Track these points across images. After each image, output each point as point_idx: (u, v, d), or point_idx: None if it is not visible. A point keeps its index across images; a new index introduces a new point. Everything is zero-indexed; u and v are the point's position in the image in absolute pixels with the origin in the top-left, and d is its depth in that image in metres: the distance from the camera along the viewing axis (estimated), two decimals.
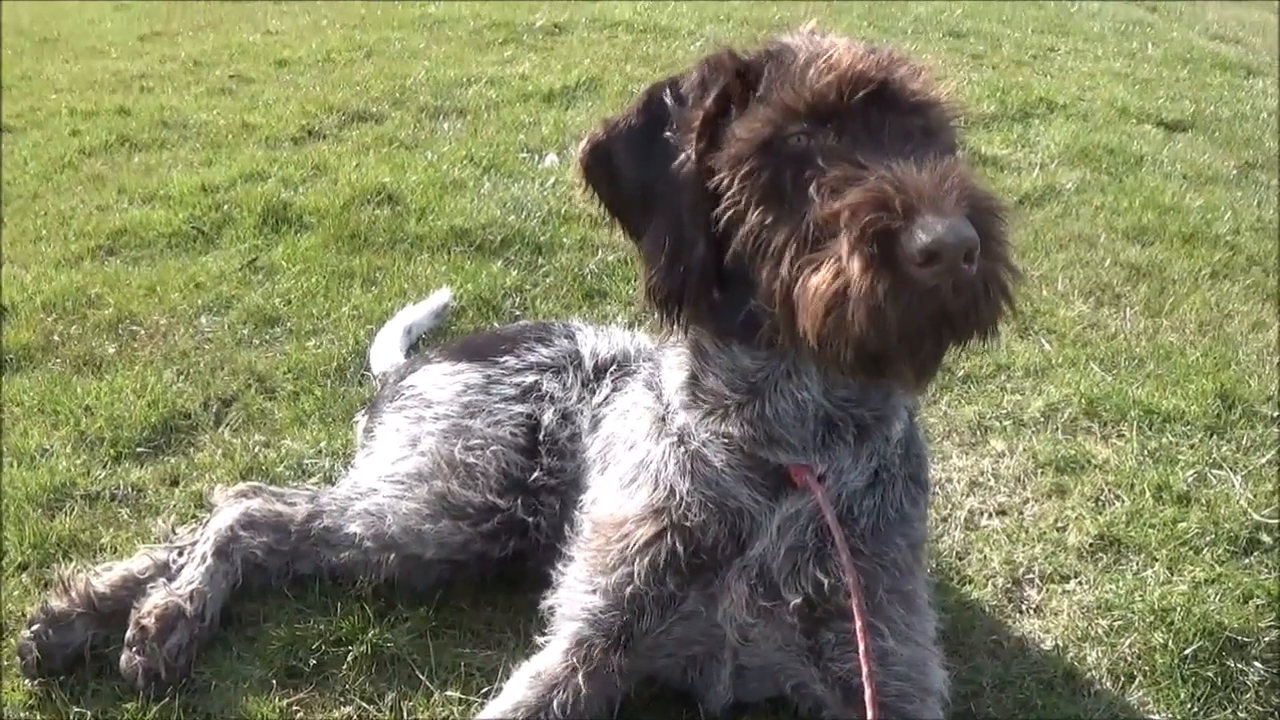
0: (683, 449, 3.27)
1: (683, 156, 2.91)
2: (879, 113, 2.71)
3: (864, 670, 2.92)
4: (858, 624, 2.95)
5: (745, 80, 2.89)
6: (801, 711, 3.50)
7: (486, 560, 3.98)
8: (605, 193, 3.13)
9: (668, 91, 3.04)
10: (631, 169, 3.04)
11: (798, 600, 3.21)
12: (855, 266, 2.45)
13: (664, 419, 3.33)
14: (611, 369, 4.11)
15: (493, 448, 3.99)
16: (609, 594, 3.33)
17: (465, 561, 3.98)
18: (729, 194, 2.78)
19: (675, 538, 3.25)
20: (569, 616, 3.43)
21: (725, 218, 2.79)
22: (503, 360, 4.26)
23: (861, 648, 2.93)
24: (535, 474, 3.99)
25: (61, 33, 14.11)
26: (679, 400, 3.26)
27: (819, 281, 2.51)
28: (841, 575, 3.13)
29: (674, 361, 3.31)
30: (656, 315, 3.02)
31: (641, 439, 3.42)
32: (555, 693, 3.34)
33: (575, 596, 3.43)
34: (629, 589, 3.29)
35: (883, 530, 3.25)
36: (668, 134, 2.97)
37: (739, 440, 3.15)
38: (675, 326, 3.04)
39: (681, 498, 3.25)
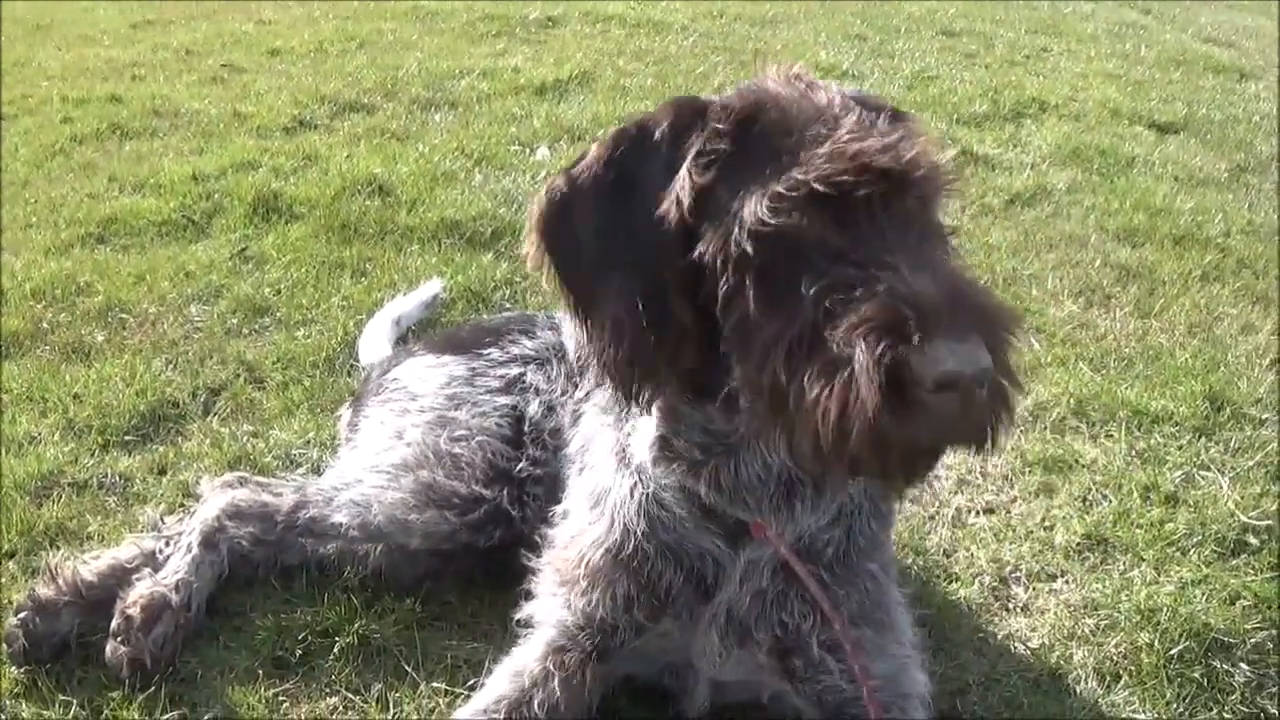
0: (641, 490, 3.23)
1: (663, 223, 2.69)
2: (883, 199, 2.54)
3: (865, 691, 2.96)
4: (848, 650, 2.99)
5: (733, 138, 2.70)
6: (782, 718, 3.50)
7: (473, 551, 3.97)
8: (560, 253, 2.84)
9: (638, 141, 2.81)
10: (596, 229, 2.79)
11: (768, 643, 3.23)
12: (863, 388, 2.33)
13: (624, 451, 3.29)
14: None
15: (478, 438, 4.00)
16: (579, 614, 3.34)
17: (451, 552, 3.98)
18: (719, 274, 2.63)
19: (633, 582, 3.25)
20: (544, 624, 3.44)
21: (714, 294, 2.64)
22: (487, 353, 4.27)
23: (865, 693, 2.96)
24: (520, 464, 3.99)
25: (54, 20, 14.08)
26: (648, 454, 3.17)
27: (821, 396, 2.39)
28: (809, 614, 3.19)
29: (644, 421, 3.18)
30: (616, 390, 2.85)
31: (604, 461, 3.41)
32: (535, 690, 3.34)
33: (549, 608, 3.44)
34: (597, 615, 3.31)
35: (853, 559, 3.24)
36: (641, 193, 2.75)
37: (703, 498, 3.10)
38: (639, 402, 2.87)
39: (638, 543, 3.23)
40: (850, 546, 3.23)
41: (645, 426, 3.18)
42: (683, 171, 2.70)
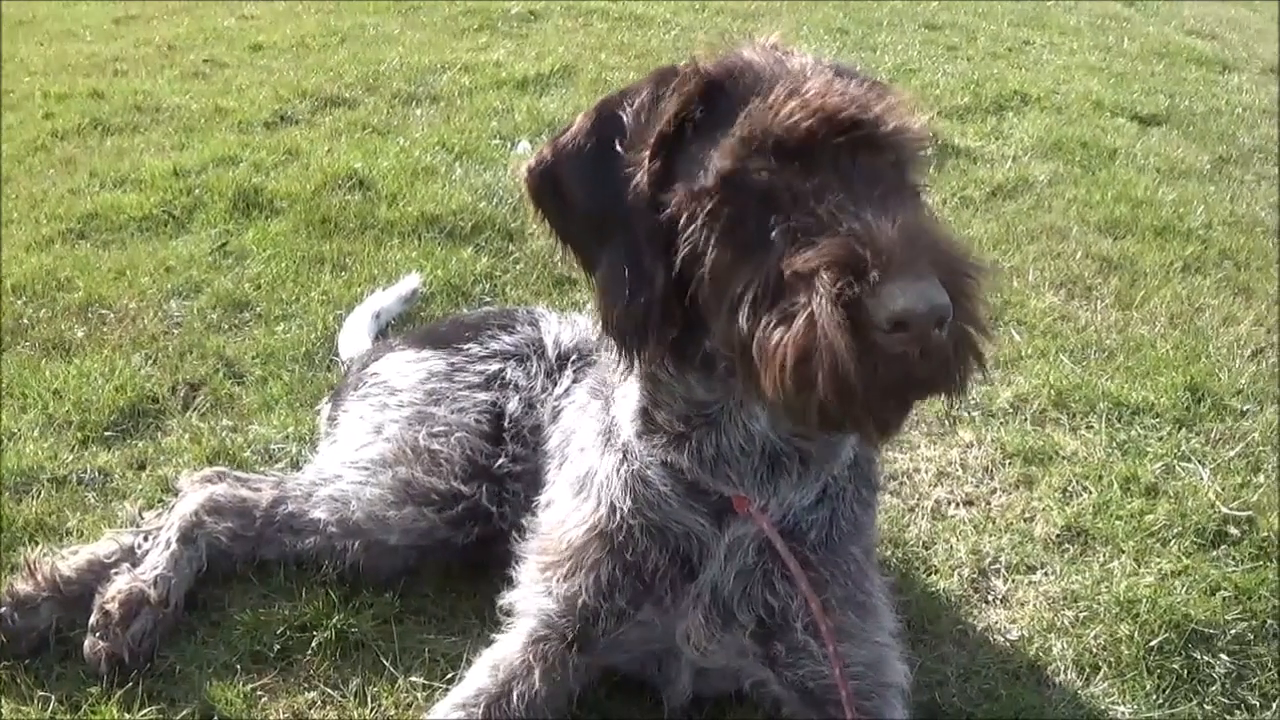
0: (626, 467, 3.23)
1: (635, 183, 2.75)
2: (850, 153, 2.57)
3: (837, 673, 2.95)
4: (824, 631, 2.99)
5: (705, 99, 2.76)
6: (763, 707, 3.50)
7: (451, 546, 3.98)
8: (555, 219, 2.97)
9: (619, 109, 2.87)
10: (582, 195, 2.88)
11: (751, 624, 3.22)
12: (820, 329, 2.35)
13: (610, 431, 3.30)
14: (573, 358, 4.10)
15: (457, 434, 4.00)
16: (561, 601, 3.34)
17: (430, 548, 3.98)
18: (687, 229, 2.66)
19: (617, 563, 3.25)
20: (525, 613, 3.43)
21: (683, 253, 2.67)
22: (466, 348, 4.27)
23: (837, 672, 2.96)
24: (500, 460, 3.99)
25: (36, 15, 14.04)
26: (631, 429, 3.20)
27: (782, 340, 2.42)
28: (794, 595, 3.17)
29: (626, 390, 3.23)
30: (617, 350, 2.91)
31: (590, 445, 3.41)
32: (515, 683, 3.34)
33: (530, 595, 3.43)
34: (579, 600, 3.29)
35: (836, 541, 3.23)
36: (620, 156, 2.80)
37: (686, 471, 3.11)
38: (636, 363, 2.92)
39: (623, 520, 3.22)
40: (834, 529, 3.22)
41: (629, 401, 3.21)
42: (654, 133, 2.74)
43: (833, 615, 3.16)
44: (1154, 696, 3.76)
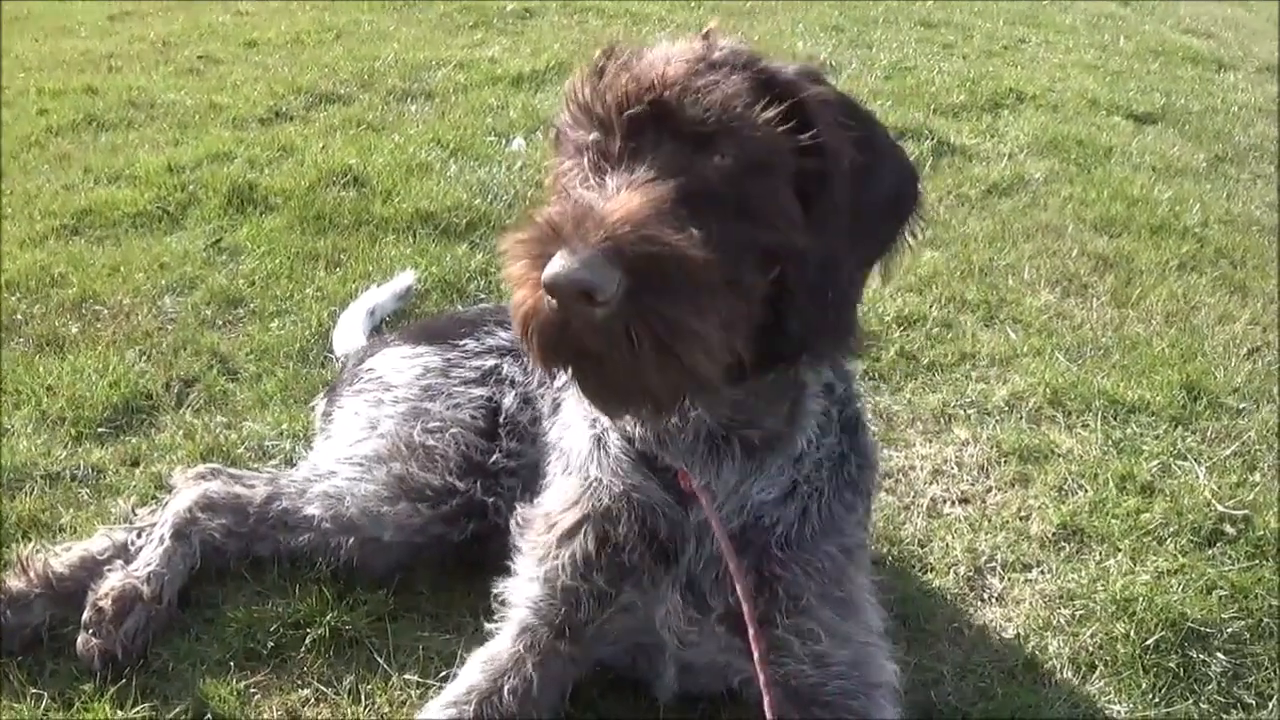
0: (595, 439, 3.27)
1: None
2: (652, 128, 2.62)
3: (760, 678, 2.94)
4: (746, 614, 2.97)
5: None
6: (753, 705, 3.49)
7: (445, 543, 3.98)
8: None
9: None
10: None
11: (720, 608, 3.20)
12: (517, 285, 2.48)
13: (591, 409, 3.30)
14: None
15: (452, 430, 3.99)
16: (545, 584, 3.34)
17: (424, 544, 3.98)
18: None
19: (590, 529, 3.25)
20: (515, 604, 3.43)
21: None
22: (462, 343, 4.27)
23: (756, 655, 2.95)
24: (495, 456, 3.99)
25: (31, 11, 14.05)
26: None
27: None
28: (767, 588, 3.17)
29: None
30: None
31: (575, 423, 3.43)
32: (506, 678, 3.34)
33: (520, 585, 3.42)
34: (559, 581, 3.29)
35: (808, 539, 3.20)
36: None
37: (638, 441, 3.15)
38: None
39: (594, 490, 3.24)
40: (805, 527, 3.20)
41: None
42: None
43: (808, 611, 3.17)
44: (1150, 695, 3.75)
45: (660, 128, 2.61)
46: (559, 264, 2.30)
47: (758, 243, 2.60)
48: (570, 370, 2.56)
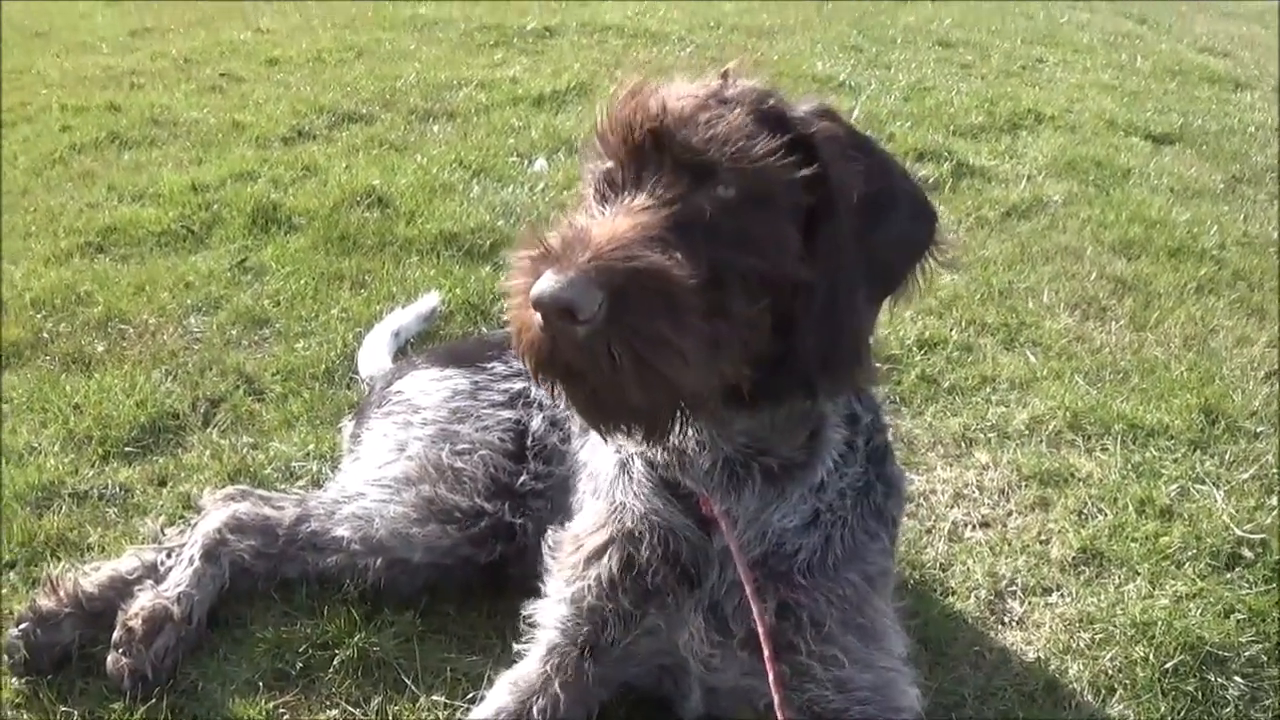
0: (627, 466, 3.31)
1: None
2: (656, 161, 2.68)
3: (775, 699, 2.97)
4: (761, 634, 2.99)
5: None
6: None
7: (473, 564, 3.99)
8: None
9: None
10: None
11: (741, 632, 3.22)
12: (513, 301, 2.57)
13: None
14: None
15: (480, 452, 4.02)
16: (572, 604, 3.36)
17: (452, 565, 4.00)
18: None
19: (615, 550, 3.28)
20: (544, 625, 3.45)
21: None
22: (490, 366, 4.29)
23: (771, 675, 2.97)
24: (523, 478, 4.01)
25: (53, 26, 14.11)
26: None
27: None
28: (793, 615, 3.19)
29: None
30: None
31: (603, 449, 3.47)
32: (534, 699, 3.36)
33: (548, 606, 3.45)
34: (586, 601, 3.32)
35: (830, 566, 3.22)
36: None
37: (660, 467, 3.19)
38: None
39: (617, 505, 3.29)
40: (828, 554, 3.22)
41: None
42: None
43: (831, 638, 3.19)
44: (1169, 718, 3.77)
45: (662, 157, 2.67)
46: (545, 283, 2.37)
47: (752, 271, 2.62)
48: (561, 387, 2.61)
